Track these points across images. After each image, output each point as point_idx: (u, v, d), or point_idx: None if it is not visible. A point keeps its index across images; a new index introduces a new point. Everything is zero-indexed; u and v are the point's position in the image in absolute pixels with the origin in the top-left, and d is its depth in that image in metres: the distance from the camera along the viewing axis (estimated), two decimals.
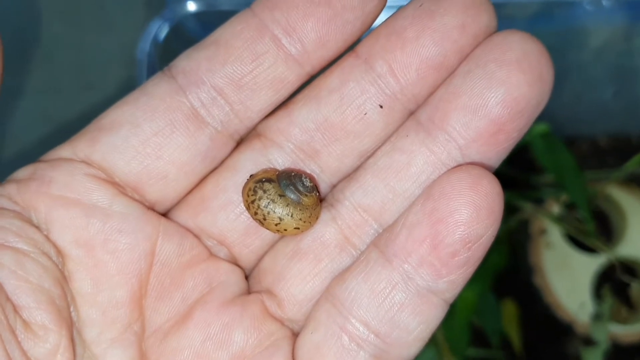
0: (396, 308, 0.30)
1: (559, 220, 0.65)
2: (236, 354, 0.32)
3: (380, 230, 0.32)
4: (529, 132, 0.58)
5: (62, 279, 0.30)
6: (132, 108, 0.32)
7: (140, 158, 0.32)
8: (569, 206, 0.66)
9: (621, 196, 0.68)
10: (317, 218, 0.33)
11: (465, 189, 0.29)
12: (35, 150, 0.34)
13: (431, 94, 0.32)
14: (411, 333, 0.30)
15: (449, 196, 0.29)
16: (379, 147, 0.33)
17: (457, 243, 0.29)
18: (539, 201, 0.67)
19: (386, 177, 0.32)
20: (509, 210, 0.66)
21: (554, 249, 0.67)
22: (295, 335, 0.33)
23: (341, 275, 0.32)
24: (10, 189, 0.31)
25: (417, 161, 0.32)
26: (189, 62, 0.32)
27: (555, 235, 0.67)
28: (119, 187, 0.32)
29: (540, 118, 0.61)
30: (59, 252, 0.31)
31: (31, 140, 0.52)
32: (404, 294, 0.30)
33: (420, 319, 0.30)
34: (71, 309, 0.31)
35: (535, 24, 0.60)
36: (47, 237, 0.31)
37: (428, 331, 0.31)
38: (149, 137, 0.32)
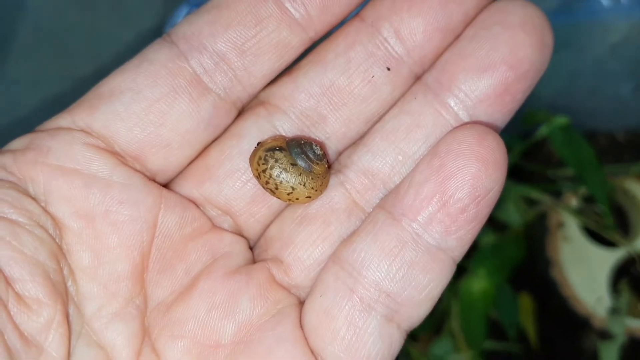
0: (407, 266, 0.30)
1: (577, 213, 0.65)
2: (243, 322, 0.31)
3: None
4: (549, 125, 0.58)
5: (59, 252, 0.30)
6: (132, 74, 0.32)
7: (142, 125, 0.31)
8: (588, 199, 0.66)
9: (639, 191, 0.68)
10: (327, 186, 0.33)
11: (472, 144, 0.29)
12: None
13: (437, 57, 0.32)
14: (422, 291, 0.30)
15: (456, 152, 0.29)
16: (386, 111, 0.33)
17: (467, 198, 0.29)
18: (557, 194, 0.67)
19: (395, 140, 0.32)
20: (527, 203, 0.66)
21: (571, 243, 0.67)
22: (302, 303, 0.33)
23: (349, 239, 0.32)
24: (6, 159, 0.30)
25: (426, 123, 0.32)
26: (190, 27, 0.32)
27: (572, 228, 0.67)
28: (119, 156, 0.31)
29: (558, 111, 0.61)
30: (57, 224, 0.30)
31: None
32: (414, 252, 0.30)
33: (430, 277, 0.30)
34: (69, 282, 0.30)
35: (553, 19, 0.60)
36: (44, 209, 0.30)
37: (438, 290, 0.31)
38: (152, 103, 0.31)
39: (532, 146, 0.63)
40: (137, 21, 0.58)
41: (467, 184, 0.29)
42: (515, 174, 0.67)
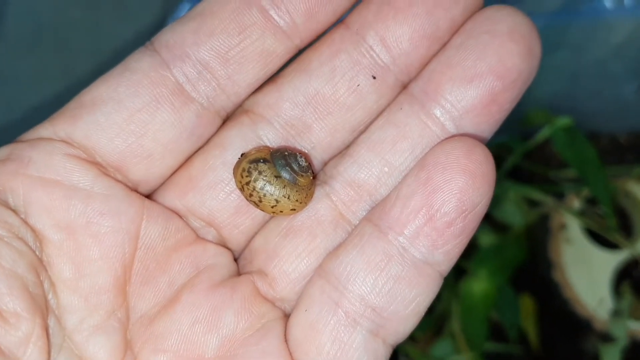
0: (393, 281, 0.30)
1: (579, 215, 0.65)
2: (226, 337, 0.31)
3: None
4: (552, 126, 0.58)
5: (39, 264, 0.29)
6: (114, 84, 0.31)
7: (123, 135, 0.31)
8: (590, 201, 0.66)
9: None
10: (311, 197, 0.32)
11: (460, 157, 0.29)
12: None
13: (423, 65, 0.32)
14: (408, 306, 0.30)
15: (443, 165, 0.29)
16: (373, 122, 0.33)
17: (453, 212, 0.29)
18: (559, 196, 0.67)
19: (381, 151, 0.32)
20: (529, 204, 0.65)
21: (573, 244, 0.67)
22: (287, 316, 0.32)
23: (334, 251, 0.31)
24: None
25: (412, 134, 0.31)
26: (173, 35, 0.32)
27: (575, 230, 0.67)
28: (100, 167, 0.31)
29: (560, 113, 0.61)
30: (37, 236, 0.30)
31: None
32: (400, 266, 0.30)
33: (417, 292, 0.30)
34: (50, 295, 0.30)
35: (556, 19, 0.60)
36: (24, 221, 0.30)
37: (424, 304, 0.31)
38: (133, 113, 0.31)
39: (534, 147, 0.63)
40: (138, 18, 0.57)
41: (454, 198, 0.29)
42: (517, 175, 0.67)
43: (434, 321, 0.63)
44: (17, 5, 0.54)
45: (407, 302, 0.30)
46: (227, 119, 0.33)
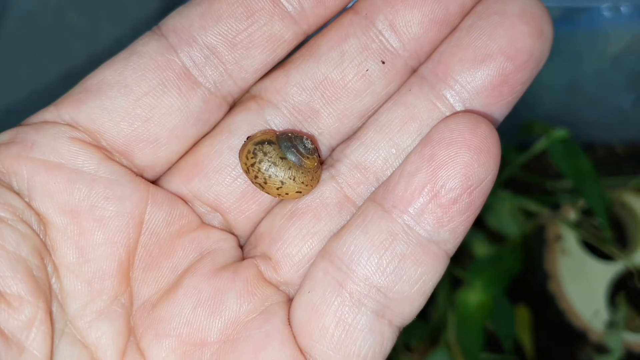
0: (397, 260, 0.29)
1: (575, 226, 0.65)
2: (229, 320, 0.31)
3: None
4: (548, 137, 0.58)
5: (43, 248, 0.29)
6: (120, 67, 0.31)
7: (129, 120, 0.31)
8: (586, 212, 0.66)
9: (637, 204, 0.67)
10: (318, 181, 0.32)
11: (464, 132, 0.28)
12: None
13: (433, 49, 0.31)
14: (413, 285, 0.30)
15: (448, 141, 0.29)
16: (381, 105, 0.32)
17: (459, 187, 0.28)
18: (555, 207, 0.67)
19: (389, 132, 0.31)
20: (525, 215, 0.66)
21: (569, 256, 0.67)
22: (291, 300, 0.32)
23: (338, 232, 0.31)
24: None
25: (421, 115, 0.31)
26: (180, 19, 0.31)
27: (570, 241, 0.67)
28: (105, 151, 0.31)
29: (556, 123, 0.61)
30: (41, 219, 0.29)
31: None
32: (405, 245, 0.29)
33: (422, 271, 0.29)
34: (53, 280, 0.29)
35: (554, 29, 0.60)
36: (28, 204, 0.29)
37: (430, 284, 0.30)
38: (139, 97, 0.31)
39: (530, 158, 0.63)
40: (135, 22, 0.57)
41: (459, 173, 0.28)
42: (514, 185, 0.67)
43: (429, 331, 0.63)
44: (15, 9, 0.54)
45: (412, 281, 0.30)
46: (234, 105, 0.33)
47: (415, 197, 0.29)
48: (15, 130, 0.31)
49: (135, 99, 0.31)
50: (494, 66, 0.30)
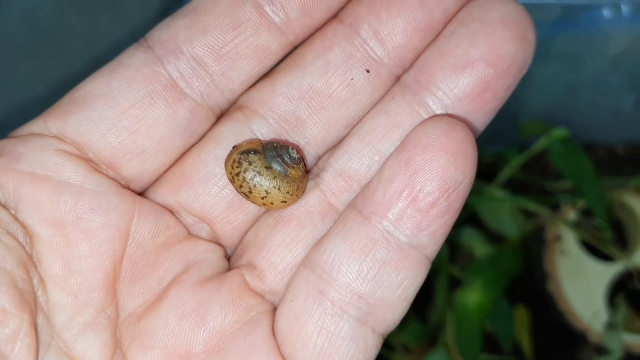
0: (378, 266, 0.29)
1: (574, 227, 0.65)
2: (214, 330, 0.31)
3: None
4: (548, 137, 0.58)
5: (29, 260, 0.29)
6: (107, 79, 0.31)
7: (116, 131, 0.31)
8: (585, 213, 0.66)
9: (637, 204, 0.67)
10: (303, 191, 0.32)
11: (440, 136, 0.29)
12: None
13: (417, 57, 0.31)
14: (395, 291, 0.30)
15: (424, 145, 0.29)
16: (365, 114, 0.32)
17: (437, 191, 0.29)
18: (554, 207, 0.67)
19: (372, 140, 0.31)
20: (525, 215, 0.65)
21: (568, 256, 0.66)
22: (276, 309, 0.32)
23: (319, 241, 0.31)
24: None
25: (404, 123, 0.31)
26: (166, 31, 0.31)
27: (570, 242, 0.67)
28: (92, 163, 0.31)
29: (556, 123, 0.61)
30: (27, 231, 0.29)
31: None
32: (385, 251, 0.29)
33: (403, 276, 0.29)
34: (39, 292, 0.29)
35: (553, 30, 0.60)
36: (14, 216, 0.29)
37: (412, 289, 0.30)
38: (126, 109, 0.31)
39: (530, 158, 0.63)
40: (135, 23, 0.57)
41: (437, 177, 0.28)
42: (513, 185, 0.67)
43: (428, 332, 0.63)
44: (14, 9, 0.54)
45: (393, 287, 0.30)
46: (221, 116, 0.33)
47: (393, 203, 0.29)
48: (2, 142, 0.31)
49: (121, 111, 0.31)
50: (475, 73, 0.30)
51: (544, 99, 0.68)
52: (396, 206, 0.29)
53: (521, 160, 0.62)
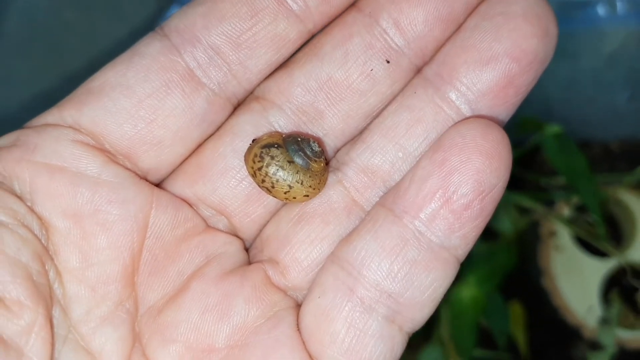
0: (409, 266, 0.29)
1: (569, 223, 0.65)
2: (237, 325, 0.30)
3: None
4: (542, 133, 0.58)
5: (45, 253, 0.29)
6: (123, 69, 0.30)
7: (132, 122, 0.30)
8: (580, 209, 0.66)
9: (632, 201, 0.67)
10: (324, 184, 0.32)
11: (476, 137, 0.28)
12: None
13: (438, 48, 0.31)
14: (425, 292, 0.29)
15: (459, 146, 0.28)
16: (385, 107, 0.32)
17: (471, 193, 0.28)
18: (549, 203, 0.67)
19: (395, 136, 0.31)
20: (519, 211, 0.65)
21: (563, 252, 0.67)
22: (299, 305, 0.31)
23: (348, 237, 0.31)
24: None
25: (427, 118, 0.31)
26: (183, 19, 0.31)
27: (564, 238, 0.67)
28: (109, 154, 0.30)
29: (552, 120, 0.61)
30: (43, 224, 0.29)
31: None
32: (416, 251, 0.29)
33: (433, 277, 0.29)
34: (55, 285, 0.29)
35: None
36: (30, 208, 0.29)
37: (441, 290, 0.30)
38: (142, 99, 0.30)
39: (525, 154, 0.63)
40: (132, 20, 0.57)
41: (472, 179, 0.28)
42: (508, 181, 0.67)
43: (423, 327, 0.63)
44: (12, 7, 0.54)
45: (423, 287, 0.29)
46: (238, 106, 0.33)
47: (426, 203, 0.29)
48: (17, 133, 0.30)
49: (138, 101, 0.30)
50: (499, 68, 0.29)
51: (540, 95, 0.68)
52: (429, 206, 0.29)
53: (516, 156, 0.62)
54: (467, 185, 0.28)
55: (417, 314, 0.30)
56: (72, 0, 0.56)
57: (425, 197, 0.29)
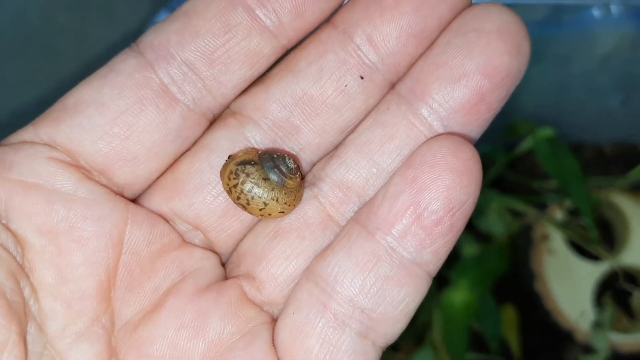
0: (381, 281, 0.29)
1: (561, 226, 0.65)
2: (213, 342, 0.30)
3: None
4: (534, 137, 0.58)
5: (19, 270, 0.29)
6: (98, 85, 0.31)
7: (107, 138, 0.30)
8: (572, 212, 0.66)
9: (625, 204, 0.67)
10: (300, 200, 0.32)
11: (446, 155, 0.29)
12: None
13: (412, 64, 0.31)
14: (397, 307, 0.30)
15: (430, 163, 0.29)
16: (360, 122, 0.32)
17: (441, 210, 0.29)
18: (542, 207, 0.67)
19: (369, 152, 0.31)
20: (512, 215, 0.65)
21: (555, 256, 0.66)
22: (275, 320, 0.32)
23: (322, 253, 0.31)
24: None
25: (400, 134, 0.31)
26: (157, 36, 0.31)
27: (557, 241, 0.67)
28: (84, 170, 0.30)
29: (545, 123, 0.61)
30: (18, 241, 0.29)
31: None
32: (388, 267, 0.29)
33: (405, 292, 0.30)
34: (31, 302, 0.29)
35: (543, 30, 0.60)
36: (5, 226, 0.29)
37: (413, 305, 0.30)
38: (117, 115, 0.30)
39: (517, 158, 0.63)
40: (125, 23, 0.57)
41: (442, 196, 0.29)
42: (500, 185, 0.67)
43: (415, 330, 0.63)
44: (4, 9, 0.53)
45: (396, 302, 0.30)
46: (213, 121, 0.33)
47: (398, 219, 0.29)
48: None
49: (112, 117, 0.30)
50: (470, 85, 0.30)
51: (533, 98, 0.68)
52: (401, 223, 0.29)
53: (508, 160, 0.62)
54: (437, 202, 0.29)
55: (390, 329, 0.30)
56: (66, 4, 0.56)
57: (397, 214, 0.29)
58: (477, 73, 0.29)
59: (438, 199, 0.29)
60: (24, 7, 0.54)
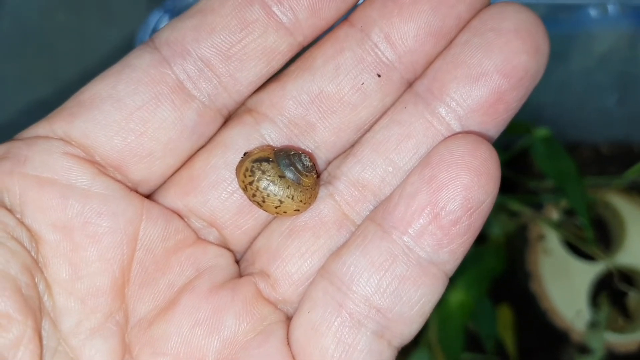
0: (397, 281, 0.29)
1: (557, 226, 0.65)
2: (228, 339, 0.30)
3: None
4: (530, 136, 0.58)
5: (34, 265, 0.29)
6: (113, 81, 0.30)
7: (123, 134, 0.30)
8: (568, 212, 0.66)
9: (621, 204, 0.67)
10: (315, 198, 0.32)
11: (464, 154, 0.28)
12: None
13: (429, 62, 0.31)
14: (413, 307, 0.29)
15: (448, 162, 0.29)
16: (377, 121, 0.32)
17: (459, 210, 0.28)
18: (538, 206, 0.67)
19: (385, 151, 0.31)
20: (508, 215, 0.65)
21: (551, 255, 0.66)
22: (289, 319, 0.31)
23: (337, 252, 0.31)
24: None
25: (417, 133, 0.31)
26: (173, 32, 0.31)
27: (553, 241, 0.67)
28: (99, 166, 0.30)
29: (542, 122, 0.61)
30: (33, 236, 0.29)
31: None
32: (405, 266, 0.29)
33: (422, 292, 0.29)
34: (45, 297, 0.29)
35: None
36: (20, 221, 0.29)
37: (429, 305, 0.30)
38: (132, 111, 0.30)
39: (513, 157, 0.63)
40: (123, 23, 0.57)
41: (459, 195, 0.28)
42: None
43: None
44: (3, 9, 0.53)
45: (412, 302, 0.29)
46: (229, 118, 0.33)
47: (415, 219, 0.29)
48: (8, 145, 0.30)
49: (128, 113, 0.30)
50: (489, 84, 0.29)
51: (530, 98, 0.68)
52: (418, 222, 0.29)
53: (504, 159, 0.61)
54: (455, 202, 0.28)
55: (406, 329, 0.30)
56: (64, 3, 0.56)
57: (414, 213, 0.29)
58: (495, 72, 0.29)
59: (456, 199, 0.28)
60: (22, 8, 0.54)
